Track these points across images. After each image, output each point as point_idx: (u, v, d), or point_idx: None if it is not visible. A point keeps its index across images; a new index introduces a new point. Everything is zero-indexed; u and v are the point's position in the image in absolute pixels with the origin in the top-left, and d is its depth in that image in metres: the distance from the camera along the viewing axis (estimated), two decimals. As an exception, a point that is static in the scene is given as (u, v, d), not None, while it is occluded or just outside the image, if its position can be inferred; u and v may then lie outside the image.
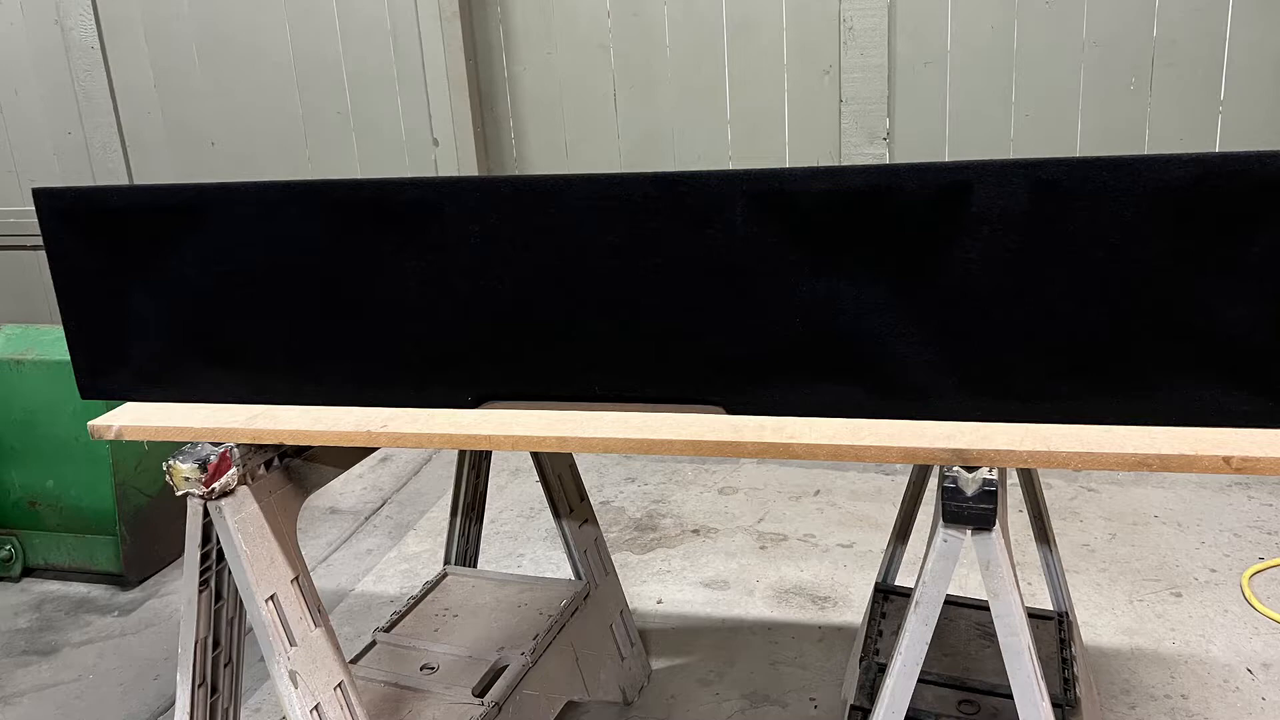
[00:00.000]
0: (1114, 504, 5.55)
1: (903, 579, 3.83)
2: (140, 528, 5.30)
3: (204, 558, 2.56)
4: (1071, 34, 5.82)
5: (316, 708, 2.55)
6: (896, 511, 3.88)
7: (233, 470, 2.45)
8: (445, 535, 4.12)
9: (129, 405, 2.67)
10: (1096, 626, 4.46)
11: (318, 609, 2.64)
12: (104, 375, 2.67)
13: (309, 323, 2.50)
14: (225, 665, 2.73)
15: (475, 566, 4.21)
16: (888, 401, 2.22)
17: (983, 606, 3.55)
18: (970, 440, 2.09)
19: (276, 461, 2.61)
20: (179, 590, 5.18)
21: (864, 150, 6.25)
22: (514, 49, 6.73)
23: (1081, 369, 2.09)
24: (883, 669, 3.30)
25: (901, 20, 6.05)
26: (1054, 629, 3.58)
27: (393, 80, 6.91)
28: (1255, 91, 5.67)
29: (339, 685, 2.63)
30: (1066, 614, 3.64)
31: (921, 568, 2.21)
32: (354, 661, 3.52)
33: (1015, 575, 2.15)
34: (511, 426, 2.34)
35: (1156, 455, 1.99)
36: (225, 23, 7.10)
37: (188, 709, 2.65)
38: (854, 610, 4.70)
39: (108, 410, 2.65)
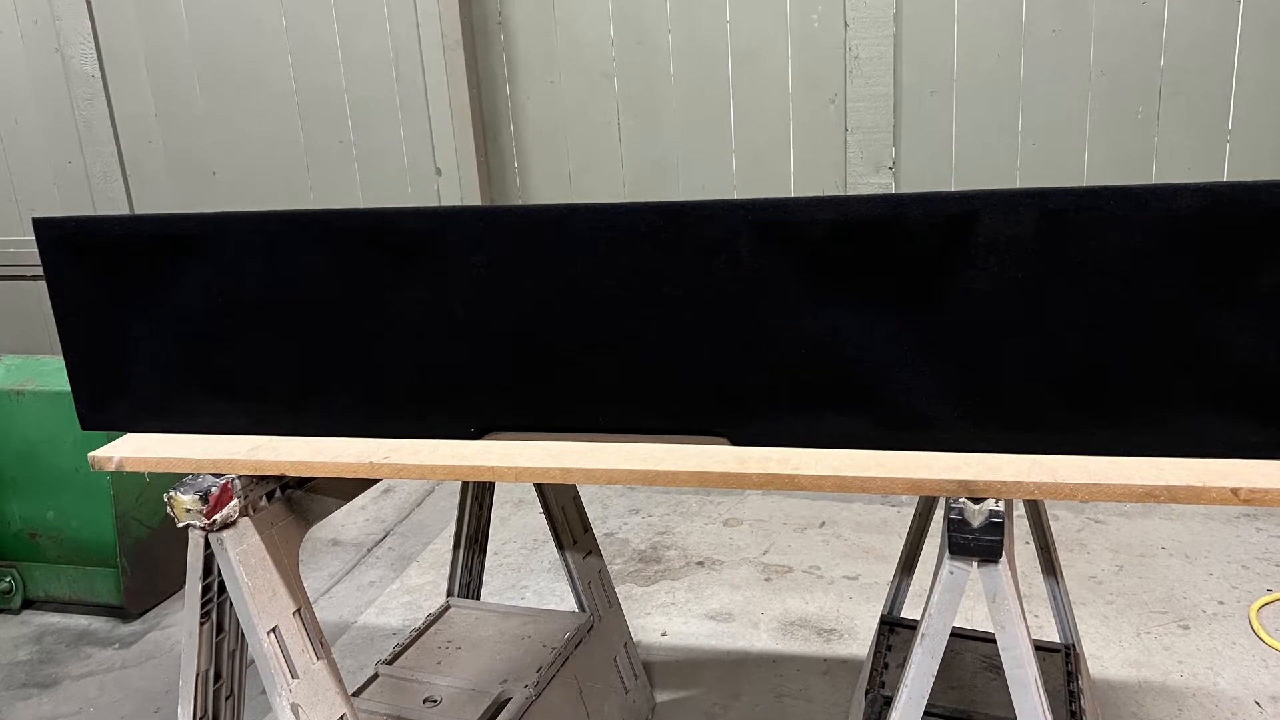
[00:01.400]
0: (1121, 535, 5.53)
1: (908, 611, 3.82)
2: (141, 560, 5.28)
3: (205, 590, 2.55)
4: (1078, 63, 5.82)
5: (318, 742, 2.54)
6: (902, 543, 3.86)
7: (234, 502, 2.44)
8: (448, 567, 4.11)
9: (130, 436, 2.66)
10: (1103, 659, 4.43)
11: (320, 641, 2.63)
12: (105, 406, 2.66)
13: (311, 353, 2.49)
14: (227, 698, 2.72)
15: (478, 598, 4.19)
16: (893, 432, 2.21)
17: (989, 639, 3.53)
18: (976, 471, 2.08)
19: (278, 493, 2.60)
20: (180, 622, 5.16)
21: (869, 179, 6.24)
22: (517, 78, 6.73)
23: (1088, 399, 2.08)
24: (888, 702, 3.28)
25: (907, 49, 6.05)
26: (1061, 661, 3.56)
27: (395, 109, 6.91)
28: (1263, 121, 5.66)
29: (341, 718, 2.62)
30: (1073, 646, 3.62)
31: (927, 600, 2.19)
32: (356, 694, 3.50)
33: (1022, 607, 2.13)
34: (515, 458, 2.33)
35: (1164, 486, 1.97)
36: (226, 51, 7.11)
37: (188, 743, 2.64)
38: (860, 643, 4.68)
39: (108, 441, 2.64)
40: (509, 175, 6.93)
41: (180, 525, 2.43)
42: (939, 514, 2.74)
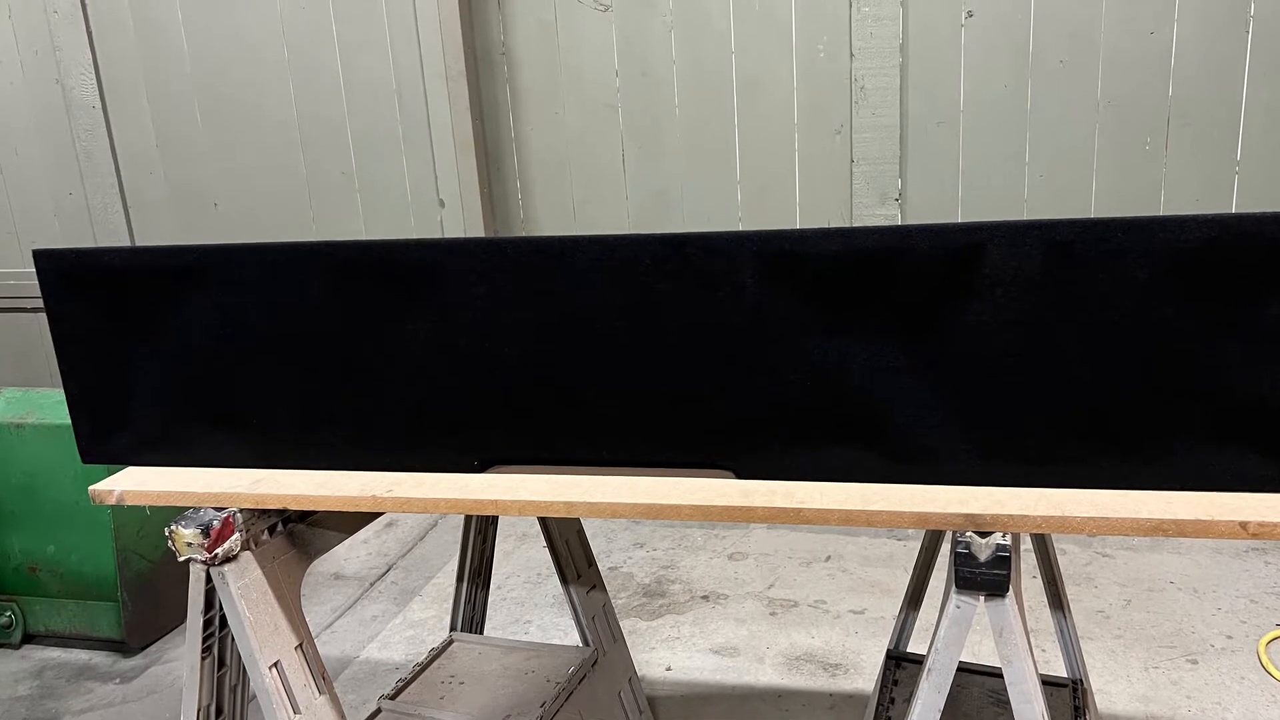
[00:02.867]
0: (1129, 570, 5.51)
1: (915, 646, 3.79)
2: (142, 593, 5.26)
3: (207, 624, 2.54)
4: (1086, 93, 5.82)
5: (318, 778, 2.52)
6: (908, 577, 3.84)
7: (236, 535, 2.43)
8: (451, 601, 4.08)
9: (131, 470, 2.65)
10: (1111, 694, 4.40)
11: (322, 676, 2.61)
12: (105, 439, 2.65)
13: (313, 386, 2.48)
14: (227, 734, 2.70)
15: (482, 633, 4.17)
16: (900, 465, 2.19)
17: (996, 674, 3.51)
18: (983, 505, 2.07)
19: (280, 526, 2.58)
20: (181, 657, 5.11)
21: (875, 211, 6.23)
22: (521, 109, 6.73)
23: (1096, 432, 2.07)
24: (895, 738, 3.26)
25: (913, 80, 6.04)
26: (1068, 696, 3.54)
27: (398, 140, 6.90)
28: (1272, 151, 5.65)
29: (341, 755, 2.60)
30: (1081, 681, 3.60)
31: (934, 634, 2.17)
32: (358, 730, 3.48)
33: (1029, 642, 2.12)
34: (518, 491, 2.32)
35: (1172, 520, 1.96)
36: (228, 82, 7.10)
37: (188, 779, 2.62)
38: (866, 678, 4.66)
39: (109, 475, 2.63)
40: (513, 207, 6.93)
41: (181, 559, 2.41)
42: (945, 548, 2.73)
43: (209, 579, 2.46)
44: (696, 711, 4.47)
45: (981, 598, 2.07)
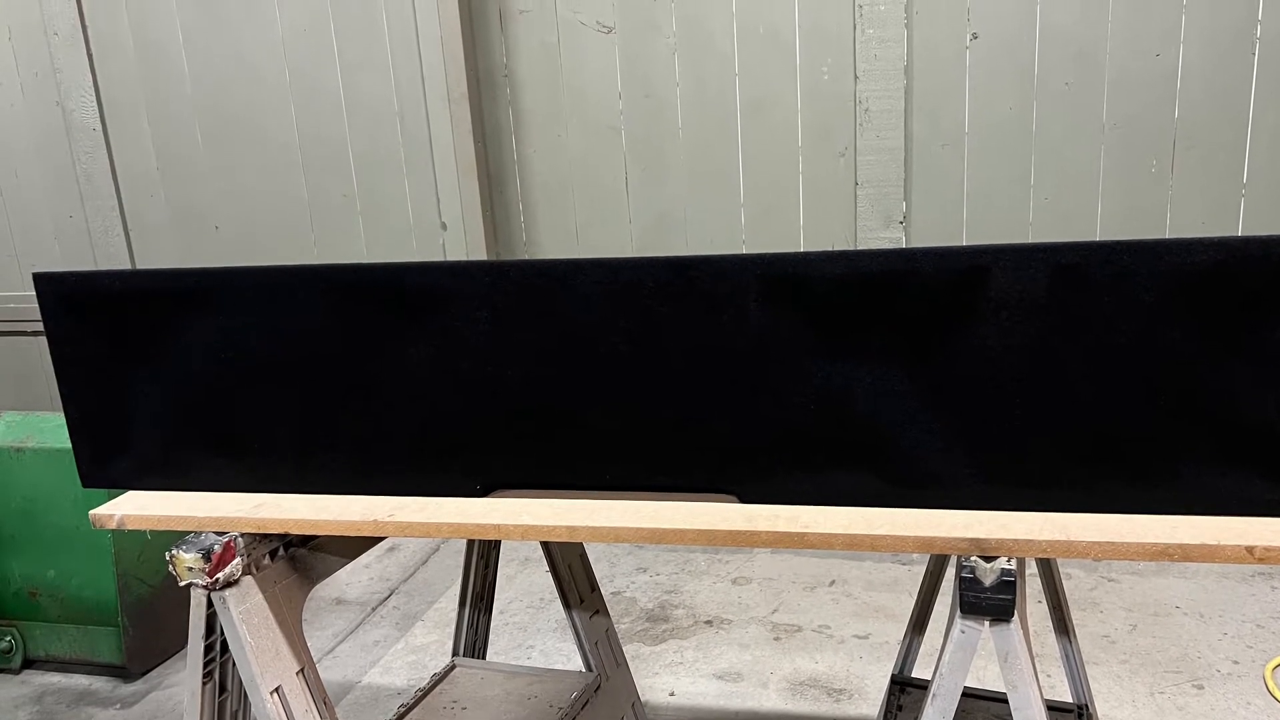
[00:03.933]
0: (1135, 594, 5.49)
1: (920, 671, 3.78)
2: (143, 618, 5.24)
3: (208, 649, 2.53)
4: (1091, 116, 5.81)
5: (319, 805, 2.51)
6: (913, 602, 3.83)
7: (237, 560, 2.42)
8: (453, 626, 4.07)
9: (131, 494, 2.64)
10: (1117, 719, 4.38)
11: (324, 701, 2.60)
12: (106, 463, 2.64)
13: (314, 410, 2.47)
14: (227, 760, 2.68)
15: (484, 658, 4.16)
16: (904, 490, 2.18)
17: (1001, 699, 3.49)
18: (988, 530, 2.06)
19: (282, 551, 2.58)
20: (182, 682, 5.10)
21: (880, 234, 6.22)
22: (523, 131, 6.72)
23: (1101, 456, 2.06)
24: (900, 764, 3.25)
25: (918, 102, 6.03)
26: (1074, 722, 3.53)
27: (400, 163, 6.90)
28: (1279, 174, 5.64)
29: (342, 782, 2.58)
30: (1086, 707, 3.58)
31: (939, 659, 2.17)
32: (359, 755, 3.47)
33: (1034, 667, 2.11)
34: (521, 515, 2.31)
35: (1178, 545, 1.96)
36: (229, 104, 7.10)
37: (187, 806, 2.60)
38: (870, 703, 4.64)
39: (109, 499, 2.62)
40: (515, 229, 6.92)
41: (182, 584, 2.41)
42: (950, 572, 2.72)
43: (210, 604, 2.45)
44: (700, 737, 4.46)
45: (986, 622, 2.06)
